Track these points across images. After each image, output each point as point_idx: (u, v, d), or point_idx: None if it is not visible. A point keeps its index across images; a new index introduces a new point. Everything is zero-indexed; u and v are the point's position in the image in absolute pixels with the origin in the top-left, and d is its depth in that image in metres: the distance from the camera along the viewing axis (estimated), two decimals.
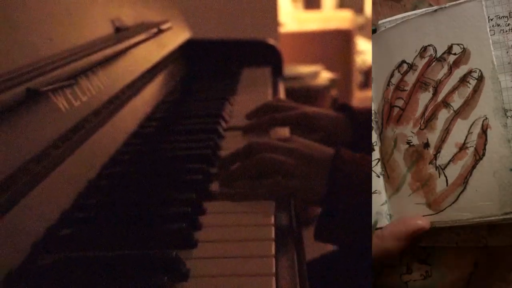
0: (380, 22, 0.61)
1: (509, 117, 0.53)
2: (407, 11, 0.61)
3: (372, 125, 0.62)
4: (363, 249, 0.60)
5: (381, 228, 0.58)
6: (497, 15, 0.54)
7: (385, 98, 0.60)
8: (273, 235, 0.57)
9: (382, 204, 0.60)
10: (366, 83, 3.38)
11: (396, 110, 0.59)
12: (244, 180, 0.69)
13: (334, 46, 3.26)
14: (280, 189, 0.67)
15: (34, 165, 0.55)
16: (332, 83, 2.75)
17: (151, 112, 1.00)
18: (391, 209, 0.59)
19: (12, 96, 0.54)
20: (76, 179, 0.64)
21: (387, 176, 0.60)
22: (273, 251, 0.54)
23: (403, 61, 0.59)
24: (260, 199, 0.66)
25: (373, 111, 0.62)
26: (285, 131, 0.94)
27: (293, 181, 0.67)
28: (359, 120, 0.88)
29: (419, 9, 0.61)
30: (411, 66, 0.58)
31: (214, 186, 0.70)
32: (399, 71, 0.59)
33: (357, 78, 3.34)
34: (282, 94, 1.33)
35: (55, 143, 0.60)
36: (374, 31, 0.62)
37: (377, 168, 0.60)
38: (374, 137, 0.61)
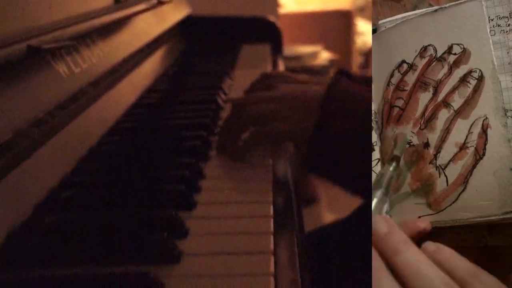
0: (380, 22, 0.61)
1: (509, 117, 0.53)
2: (407, 11, 0.60)
3: (372, 125, 0.62)
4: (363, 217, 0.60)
5: None
6: (497, 16, 0.54)
7: (385, 98, 0.60)
8: (271, 198, 0.59)
9: None
10: (366, 64, 3.36)
11: (396, 110, 0.59)
12: (237, 139, 0.69)
13: (334, 27, 3.24)
14: (271, 134, 0.67)
15: (34, 130, 0.56)
16: (332, 63, 2.74)
17: (151, 85, 1.01)
18: (391, 209, 0.59)
19: (13, 53, 0.54)
20: (77, 146, 0.64)
21: None
22: (271, 212, 0.56)
23: (403, 61, 0.59)
24: (255, 151, 0.68)
25: (373, 111, 0.62)
26: None
27: (283, 124, 0.67)
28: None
29: (419, 9, 0.60)
30: (411, 66, 0.58)
31: (213, 153, 0.72)
32: (399, 71, 0.59)
33: (357, 59, 3.32)
34: None
35: (55, 109, 0.61)
36: (374, 31, 0.62)
37: (377, 168, 0.60)
38: (374, 137, 0.61)
